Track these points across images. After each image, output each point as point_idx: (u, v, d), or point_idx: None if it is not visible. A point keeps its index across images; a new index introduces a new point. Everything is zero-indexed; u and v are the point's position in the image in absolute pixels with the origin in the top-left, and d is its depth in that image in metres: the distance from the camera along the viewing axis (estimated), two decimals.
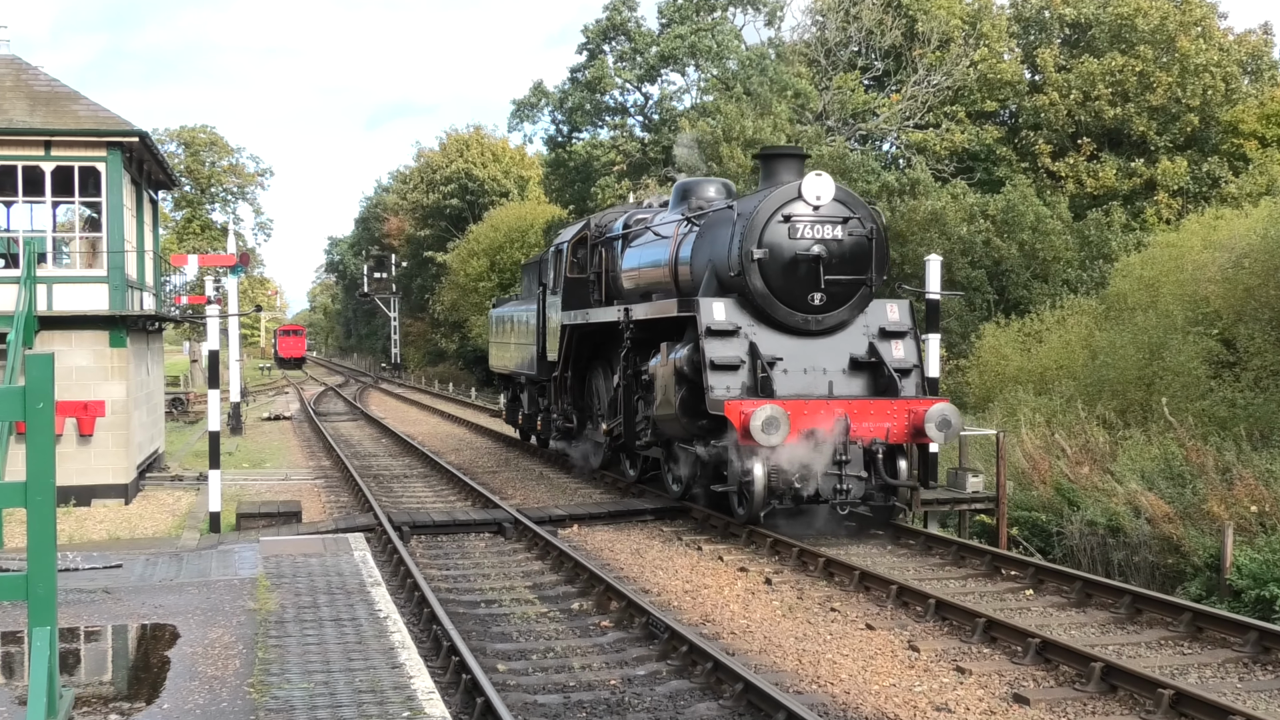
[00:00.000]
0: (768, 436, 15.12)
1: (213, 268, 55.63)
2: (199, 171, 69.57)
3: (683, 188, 20.33)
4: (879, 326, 17.13)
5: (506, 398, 31.08)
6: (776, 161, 17.69)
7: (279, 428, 40.48)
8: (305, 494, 23.34)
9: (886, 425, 15.95)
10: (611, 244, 22.07)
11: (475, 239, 66.46)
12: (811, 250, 16.67)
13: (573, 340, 22.70)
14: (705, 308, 16.64)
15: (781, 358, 16.60)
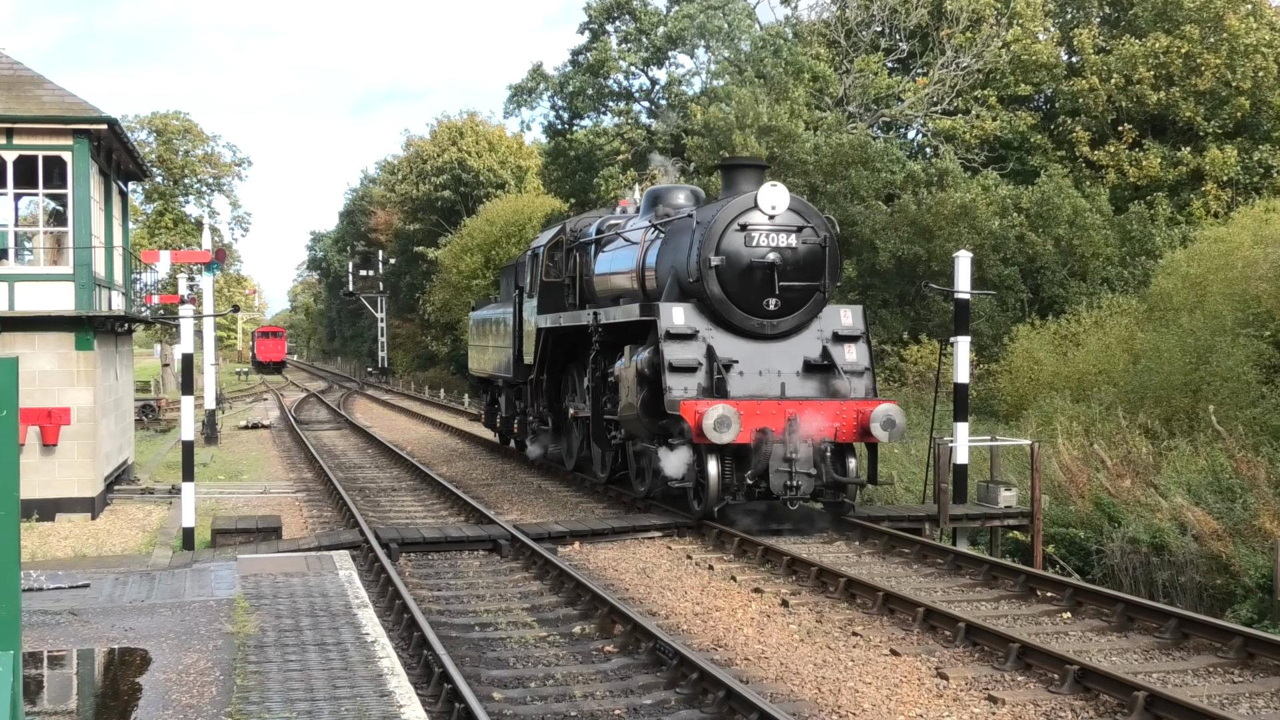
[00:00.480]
0: (719, 435, 17.38)
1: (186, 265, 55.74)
2: (172, 161, 69.70)
3: (653, 194, 22.53)
4: (832, 331, 19.28)
5: (485, 401, 33.73)
6: (737, 171, 19.85)
7: (257, 437, 40.53)
8: (286, 508, 23.36)
9: (835, 425, 18.08)
10: (586, 248, 24.18)
11: (469, 234, 66.56)
12: (767, 258, 18.79)
13: (548, 343, 24.84)
14: (665, 312, 18.83)
15: (737, 360, 18.73)
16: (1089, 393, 28.09)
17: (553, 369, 25.55)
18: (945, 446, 19.94)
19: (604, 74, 51.60)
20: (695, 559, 17.04)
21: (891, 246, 38.54)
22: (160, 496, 24.75)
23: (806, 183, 40.63)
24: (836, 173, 40.09)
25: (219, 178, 72.72)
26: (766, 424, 17.80)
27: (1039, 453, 19.60)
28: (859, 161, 40.03)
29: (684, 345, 18.74)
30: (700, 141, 42.59)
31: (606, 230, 23.96)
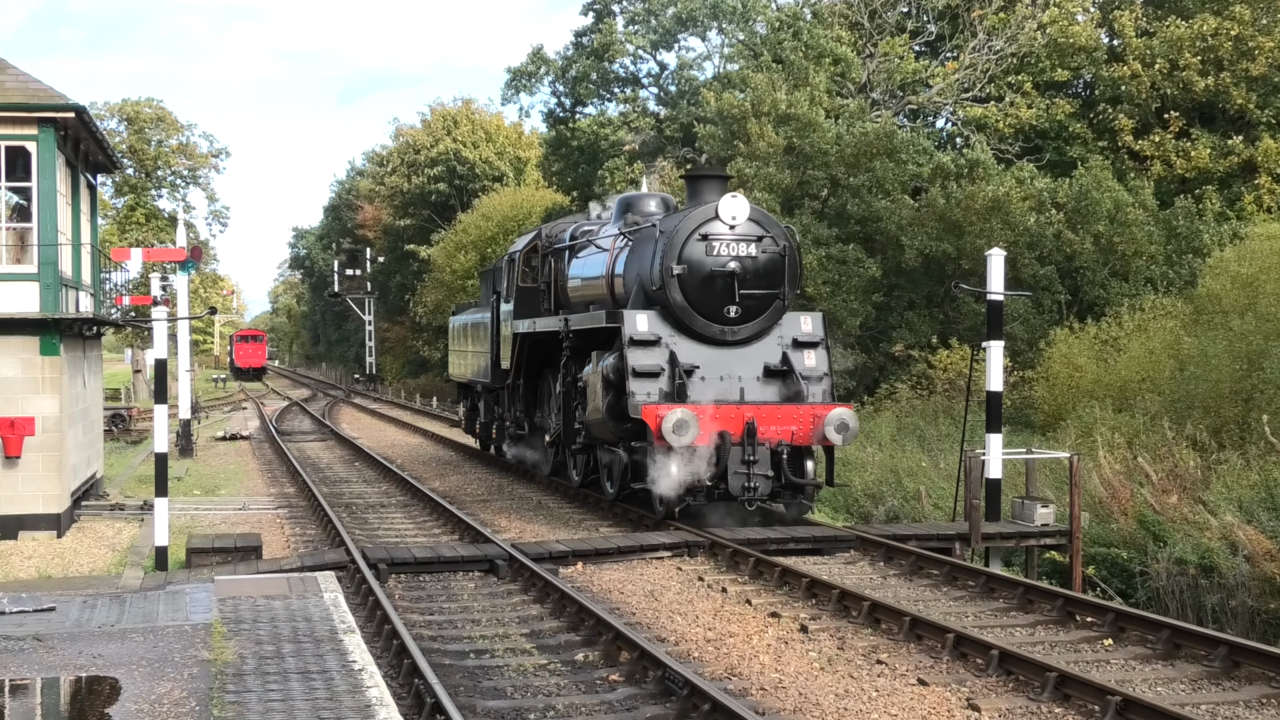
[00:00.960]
0: (678, 438, 19.27)
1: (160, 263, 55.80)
2: (144, 152, 69.79)
3: (625, 201, 24.63)
4: (792, 337, 21.28)
5: (466, 407, 36.21)
6: (701, 182, 21.99)
7: (236, 449, 40.58)
8: (266, 526, 23.39)
9: (792, 428, 20.06)
10: (560, 254, 26.22)
11: (463, 230, 66.66)
12: (727, 266, 20.85)
13: (524, 348, 26.84)
14: (629, 319, 20.87)
15: (699, 366, 20.77)
16: (1132, 402, 28.06)
17: (529, 374, 27.40)
18: (977, 460, 19.93)
19: (609, 58, 51.67)
20: (708, 580, 17.05)
21: (919, 244, 38.56)
22: (131, 513, 24.77)
23: (828, 175, 40.68)
24: (860, 164, 40.13)
25: (194, 170, 72.81)
26: (725, 427, 19.81)
27: (1078, 466, 19.58)
28: (884, 152, 40.06)
29: (647, 351, 20.71)
30: (713, 130, 42.64)
31: (580, 236, 25.92)
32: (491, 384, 30.38)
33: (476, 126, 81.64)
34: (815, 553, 18.96)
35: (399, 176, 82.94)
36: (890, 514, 24.77)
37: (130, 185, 69.75)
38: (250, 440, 43.70)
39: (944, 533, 19.57)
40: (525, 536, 20.95)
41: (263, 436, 45.24)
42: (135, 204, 69.71)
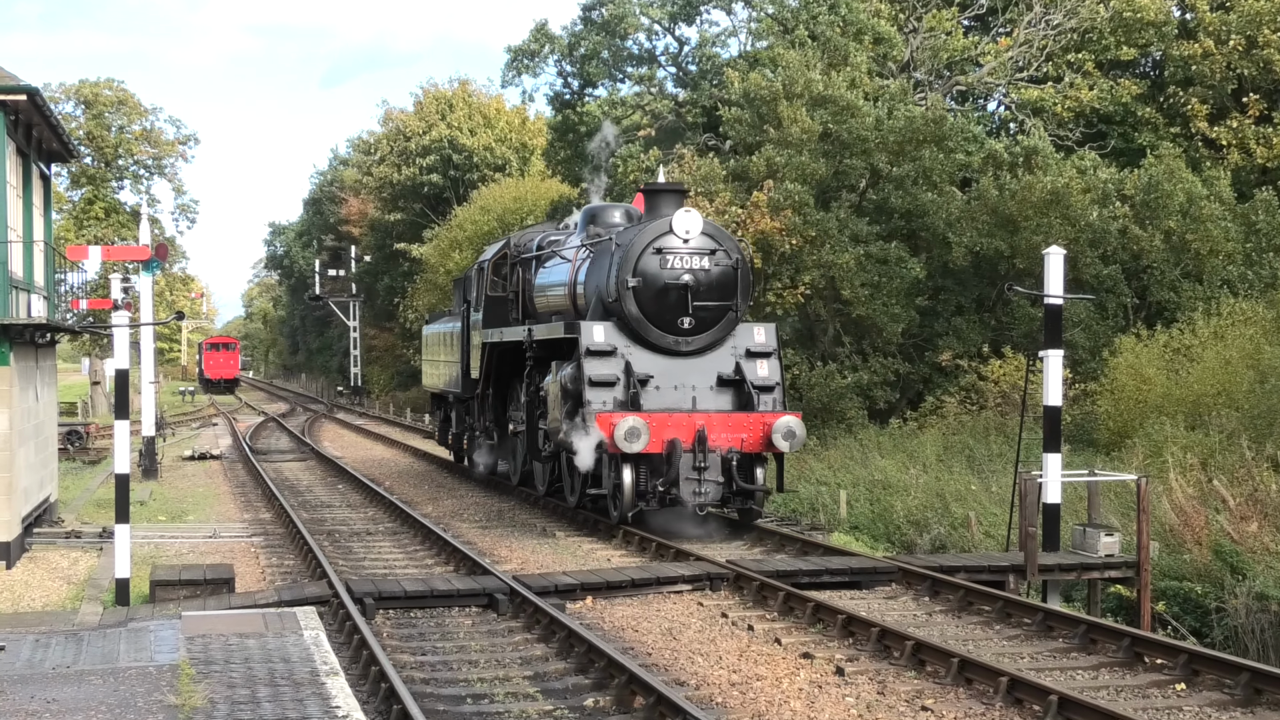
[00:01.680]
0: (629, 444, 22.18)
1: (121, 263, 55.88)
2: (104, 139, 69.84)
3: (589, 212, 27.79)
4: (746, 348, 24.20)
5: (439, 417, 39.70)
6: (659, 196, 24.91)
7: (205, 470, 40.68)
8: (240, 555, 23.45)
9: (742, 436, 22.99)
10: (528, 264, 29.43)
11: (459, 226, 66.79)
12: (681, 279, 23.79)
13: (492, 358, 29.91)
14: (586, 330, 23.85)
15: (653, 375, 23.70)
16: (1206, 418, 27.98)
17: (498, 384, 30.41)
18: (1033, 482, 19.91)
19: (621, 33, 51.70)
20: (732, 617, 17.05)
21: (968, 240, 38.54)
22: (89, 541, 24.84)
23: (867, 164, 40.69)
24: (903, 153, 40.13)
25: (160, 158, 72.92)
26: (676, 435, 22.59)
27: (1146, 490, 19.53)
28: (930, 139, 40.06)
29: (603, 361, 23.65)
30: (739, 114, 42.67)
31: (546, 246, 29.11)
32: (462, 394, 33.44)
33: (474, 110, 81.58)
34: (852, 586, 18.95)
35: (388, 166, 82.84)
36: (936, 543, 24.74)
37: (88, 176, 69.70)
38: (221, 460, 43.80)
39: (996, 564, 19.54)
40: (528, 568, 20.98)
41: (235, 456, 45.34)
42: (94, 197, 69.64)
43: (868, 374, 38.92)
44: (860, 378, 38.72)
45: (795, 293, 39.21)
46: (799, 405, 39.59)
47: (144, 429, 38.63)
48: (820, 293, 40.25)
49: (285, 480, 36.61)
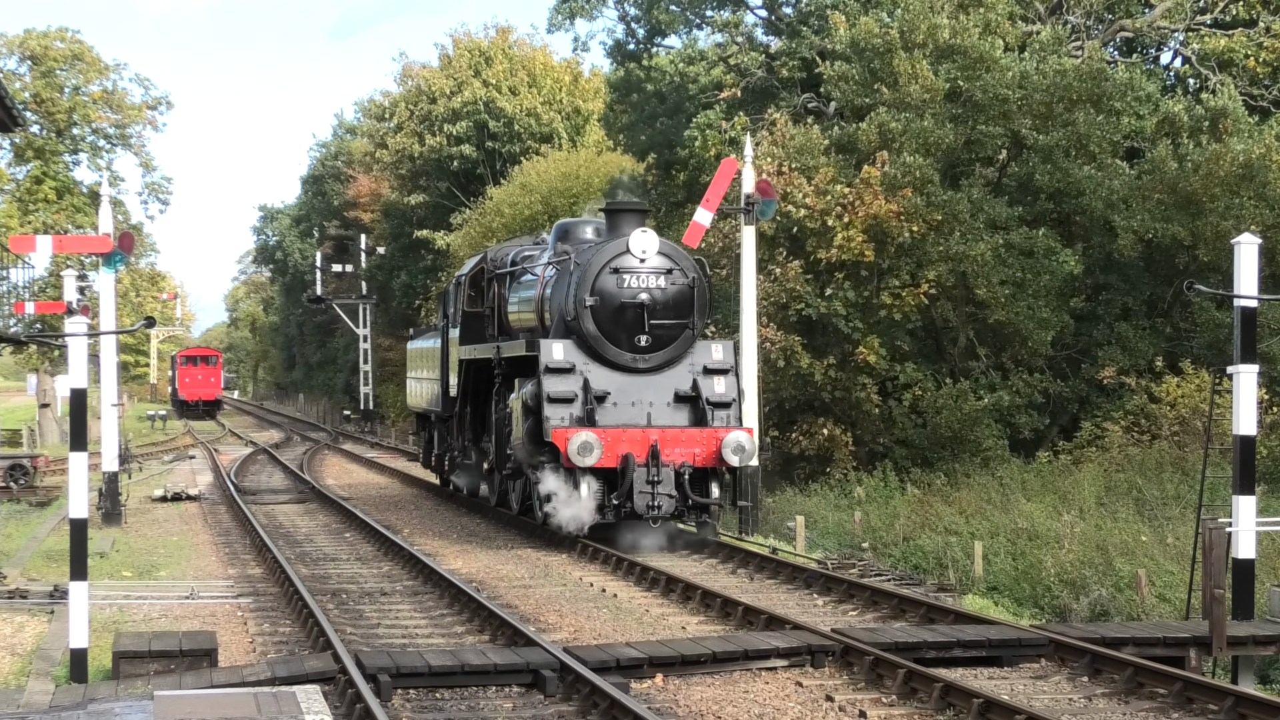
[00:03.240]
0: (582, 459, 27.96)
1: (76, 256, 56.23)
2: (54, 102, 69.90)
3: (561, 228, 33.78)
4: (704, 365, 29.96)
5: (424, 438, 46.78)
6: (620, 215, 30.67)
7: (181, 514, 40.88)
8: (223, 620, 23.52)
9: (695, 450, 28.74)
10: (503, 279, 35.18)
11: (495, 210, 66.88)
12: (638, 298, 29.46)
13: (469, 375, 36.01)
14: (545, 348, 29.61)
15: (610, 392, 29.37)
16: None
17: (476, 401, 36.13)
18: (1220, 532, 19.70)
19: None
20: (839, 701, 16.98)
21: (1137, 226, 38.29)
22: (37, 603, 24.98)
23: (1007, 131, 40.52)
24: (1054, 116, 39.97)
25: (124, 127, 73.13)
26: (630, 450, 28.33)
27: None
28: (1088, 99, 39.83)
29: (562, 378, 29.35)
30: (845, 69, 42.64)
31: (521, 262, 34.68)
32: (442, 412, 39.91)
33: (516, 65, 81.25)
34: (991, 662, 18.82)
35: (407, 135, 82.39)
36: (1096, 608, 24.57)
37: (35, 148, 69.45)
38: (200, 502, 43.98)
39: (1173, 635, 19.36)
40: (582, 637, 20.94)
41: (217, 497, 45.56)
42: (42, 174, 69.37)
43: (1009, 394, 38.78)
44: (999, 399, 38.59)
45: (916, 293, 39.17)
46: (922, 431, 39.54)
47: (104, 463, 38.71)
48: (948, 292, 40.18)
49: (279, 527, 36.74)
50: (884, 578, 25.55)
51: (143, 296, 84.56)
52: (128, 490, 42.22)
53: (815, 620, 21.00)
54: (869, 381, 40.79)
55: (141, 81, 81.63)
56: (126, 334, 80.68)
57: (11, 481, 44.81)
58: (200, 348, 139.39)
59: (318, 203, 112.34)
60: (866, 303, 40.66)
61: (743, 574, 27.04)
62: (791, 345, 40.21)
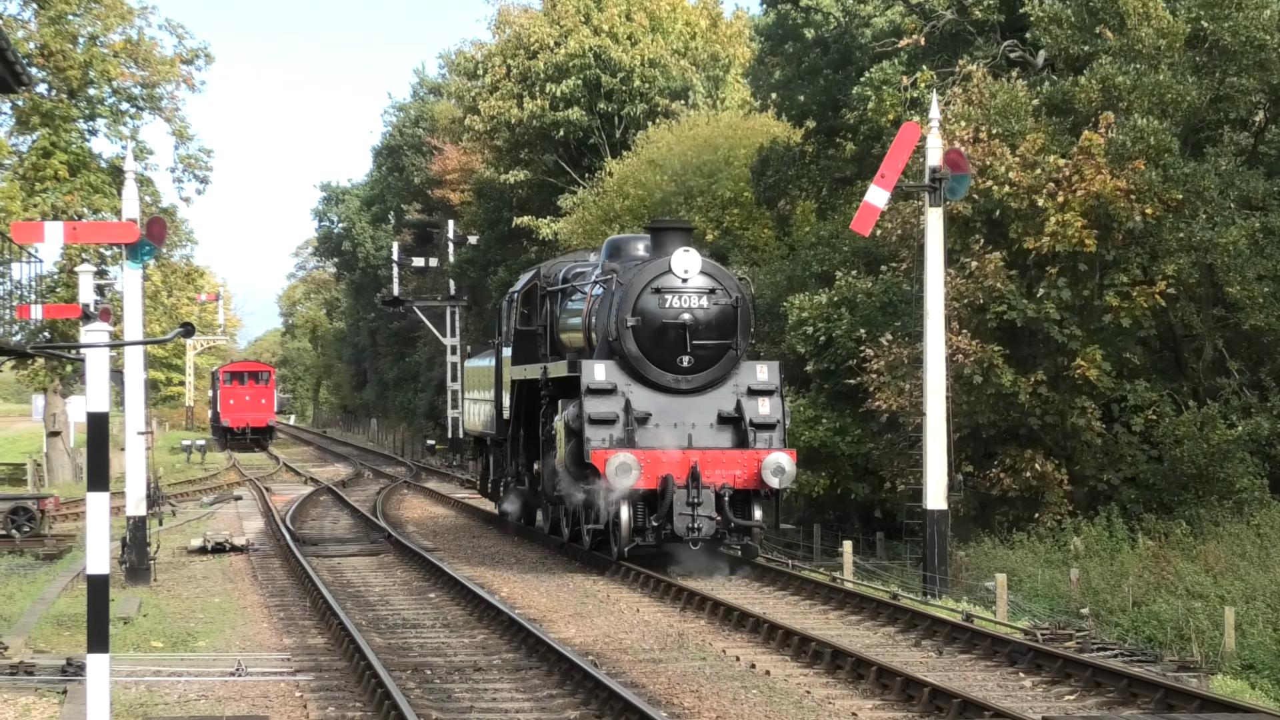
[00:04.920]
0: (620, 480, 33.73)
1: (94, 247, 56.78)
2: (66, 55, 69.61)
3: (612, 244, 40.05)
4: (748, 385, 35.91)
5: (481, 464, 54.74)
6: (664, 234, 37.00)
7: (224, 569, 41.15)
8: (277, 703, 23.66)
9: (735, 472, 34.52)
10: (555, 296, 41.74)
11: (615, 189, 66.92)
12: (680, 318, 35.46)
13: (522, 396, 42.41)
14: (587, 369, 35.82)
15: (652, 413, 35.51)
16: None
17: (529, 424, 42.15)
18: None
19: None
20: None
21: None
22: (46, 680, 25.18)
23: (1264, 83, 40.07)
24: None
25: (152, 86, 72.98)
26: (670, 471, 34.20)
27: None
28: None
29: (603, 399, 35.38)
30: (1058, 8, 42.40)
31: (572, 279, 41.13)
32: (497, 435, 46.95)
33: (634, 6, 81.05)
34: None
35: (503, 97, 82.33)
36: None
37: (42, 113, 68.96)
38: (248, 554, 44.26)
39: None
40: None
41: (269, 547, 45.82)
42: (51, 145, 68.93)
43: (1268, 420, 38.38)
44: (1256, 426, 38.23)
45: (1150, 292, 38.85)
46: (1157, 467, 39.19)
47: (129, 505, 38.98)
48: (1190, 291, 39.88)
49: (347, 585, 36.95)
50: (1109, 652, 25.39)
51: (177, 298, 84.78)
52: (158, 540, 42.48)
53: (1022, 706, 20.92)
54: (1089, 403, 40.46)
55: (174, 29, 79.09)
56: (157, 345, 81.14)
57: (13, 528, 45.06)
58: (248, 362, 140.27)
59: (394, 181, 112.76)
60: (1086, 304, 40.37)
61: (928, 646, 26.92)
62: (990, 357, 39.97)
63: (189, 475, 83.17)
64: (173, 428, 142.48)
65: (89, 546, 20.09)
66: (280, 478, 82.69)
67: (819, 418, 47.04)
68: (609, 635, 28.83)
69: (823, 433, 46.56)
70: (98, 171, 68.97)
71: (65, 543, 44.83)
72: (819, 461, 46.97)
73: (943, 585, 33.28)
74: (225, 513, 59.03)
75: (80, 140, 70.57)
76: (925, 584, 33.27)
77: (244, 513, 58.93)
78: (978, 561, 37.78)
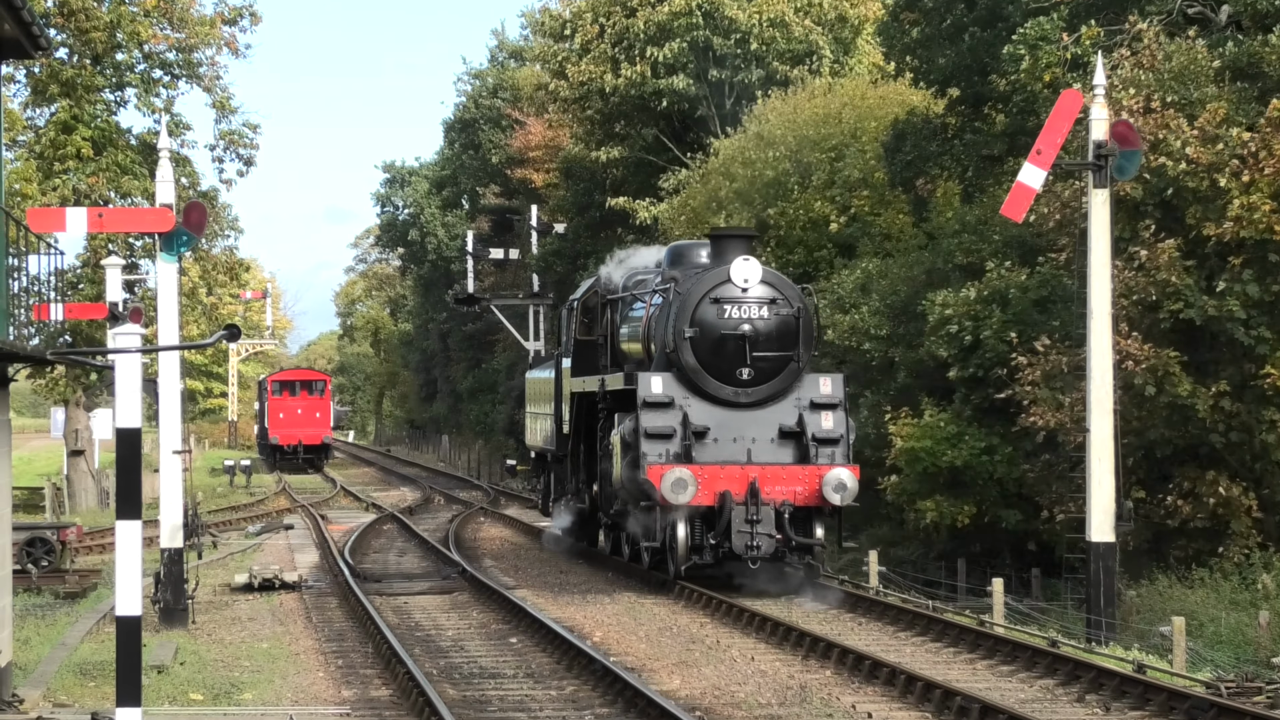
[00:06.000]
0: (676, 496, 36.87)
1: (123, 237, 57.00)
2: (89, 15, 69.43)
3: (674, 251, 44.22)
4: (810, 399, 39.19)
5: (542, 484, 59.45)
6: (725, 241, 40.74)
7: (273, 609, 41.29)
8: None
9: (796, 489, 37.71)
10: (616, 305, 45.72)
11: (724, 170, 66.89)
12: (739, 329, 38.83)
13: (581, 409, 46.41)
14: (643, 381, 39.05)
15: (710, 427, 38.87)
16: None
17: (589, 439, 46.50)
18: None
19: None
20: None
21: None
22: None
23: None
24: None
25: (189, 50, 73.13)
26: (728, 487, 37.44)
27: None
28: None
29: (660, 413, 38.75)
30: None
31: (633, 286, 45.10)
32: (557, 451, 51.48)
33: None
34: None
35: (595, 61, 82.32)
36: None
37: (63, 82, 69.22)
38: (301, 592, 44.44)
39: None
40: None
41: (325, 584, 46.00)
42: (73, 119, 69.32)
43: None
44: None
45: None
46: None
47: (164, 536, 39.17)
48: None
49: (415, 628, 37.02)
50: None
51: (218, 295, 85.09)
52: (197, 576, 42.67)
53: None
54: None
55: None
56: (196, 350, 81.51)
57: (30, 563, 45.16)
58: (300, 369, 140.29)
59: (468, 159, 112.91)
60: (1276, 300, 40.09)
61: (1093, 702, 26.82)
62: (1164, 363, 39.78)
63: (232, 501, 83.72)
64: (213, 446, 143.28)
65: (118, 583, 20.23)
66: (337, 503, 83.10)
67: (962, 434, 46.91)
68: (719, 687, 28.82)
69: (967, 453, 46.40)
70: (126, 149, 69.20)
71: (90, 579, 45.05)
72: (963, 486, 46.81)
73: (1109, 630, 33.13)
74: (274, 544, 59.35)
75: (106, 113, 70.81)
76: (1089, 629, 33.08)
77: (296, 544, 59.24)
78: (1151, 603, 37.65)
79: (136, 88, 72.18)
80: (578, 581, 46.22)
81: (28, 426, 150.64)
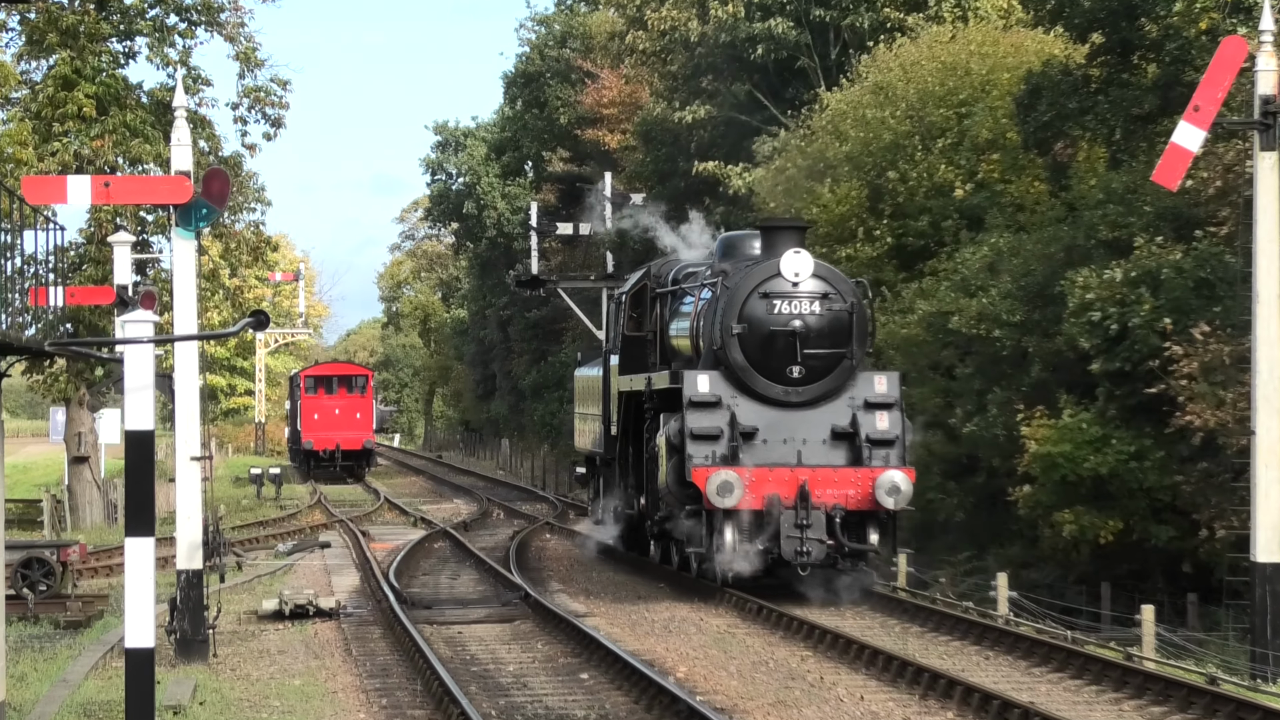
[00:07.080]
0: (721, 500, 40.87)
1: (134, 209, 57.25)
2: None
3: (725, 242, 48.72)
4: (865, 398, 43.04)
5: (591, 489, 64.75)
6: (775, 234, 44.80)
7: (306, 640, 41.42)
8: None
9: (847, 492, 41.63)
10: (665, 299, 49.89)
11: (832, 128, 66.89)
12: (789, 325, 42.64)
13: (630, 409, 50.42)
14: (689, 380, 43.04)
15: (759, 428, 42.77)
16: None
17: (637, 441, 50.20)
18: None
19: None
20: None
21: None
22: None
23: None
24: None
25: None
26: (777, 490, 41.22)
27: None
28: None
29: (707, 413, 42.40)
30: None
31: (683, 280, 49.40)
32: (605, 454, 56.27)
33: None
34: None
35: (679, 6, 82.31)
36: None
37: (62, 30, 69.30)
38: (339, 620, 44.59)
39: None
40: None
41: (367, 611, 46.15)
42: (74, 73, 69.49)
43: None
44: None
45: None
46: None
47: (180, 556, 39.28)
48: None
49: (472, 662, 37.11)
50: None
51: (243, 277, 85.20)
52: (219, 601, 42.75)
53: None
54: None
55: None
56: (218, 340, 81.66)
57: (26, 587, 45.17)
58: (338, 363, 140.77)
59: (532, 120, 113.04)
60: None
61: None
62: None
63: (260, 515, 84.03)
64: (238, 451, 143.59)
65: (128, 611, 20.36)
66: (381, 518, 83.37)
67: (1107, 438, 46.77)
68: None
69: (1113, 459, 46.26)
70: (136, 108, 69.27)
71: (95, 606, 45.21)
72: (1107, 498, 46.71)
73: (1278, 665, 33.06)
74: (308, 565, 59.56)
75: (113, 66, 70.99)
76: (1254, 664, 33.02)
77: (333, 565, 59.46)
78: None
79: (148, 36, 72.46)
80: (659, 607, 46.21)
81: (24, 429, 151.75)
